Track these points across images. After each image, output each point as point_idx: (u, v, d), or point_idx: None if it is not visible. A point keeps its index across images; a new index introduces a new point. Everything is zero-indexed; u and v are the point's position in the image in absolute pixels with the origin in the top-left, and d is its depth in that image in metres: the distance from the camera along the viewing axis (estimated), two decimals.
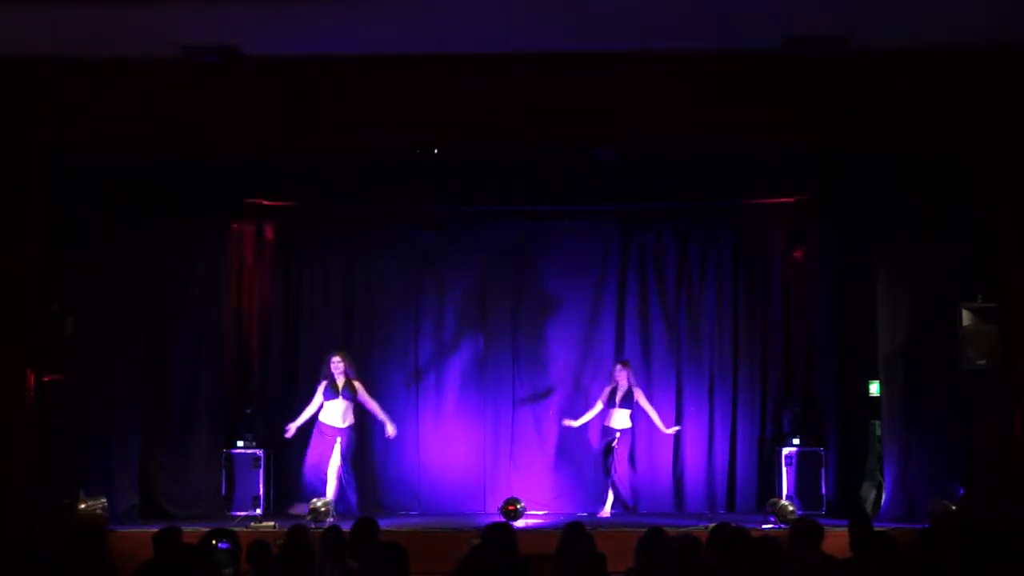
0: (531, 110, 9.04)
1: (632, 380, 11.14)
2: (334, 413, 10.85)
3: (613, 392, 11.09)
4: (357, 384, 10.94)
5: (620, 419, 11.05)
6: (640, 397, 11.13)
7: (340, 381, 10.86)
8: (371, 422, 11.79)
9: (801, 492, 11.05)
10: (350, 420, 10.93)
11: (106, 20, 8.09)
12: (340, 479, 10.76)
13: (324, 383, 10.87)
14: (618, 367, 11.19)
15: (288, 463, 11.44)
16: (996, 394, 9.69)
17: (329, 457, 10.77)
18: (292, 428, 10.81)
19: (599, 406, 11.15)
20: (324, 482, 10.69)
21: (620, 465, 11.02)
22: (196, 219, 11.38)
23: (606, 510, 10.91)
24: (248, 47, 8.52)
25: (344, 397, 10.84)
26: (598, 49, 8.72)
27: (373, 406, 11.05)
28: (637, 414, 11.18)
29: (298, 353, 11.92)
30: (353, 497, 10.90)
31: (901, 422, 10.46)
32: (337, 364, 10.87)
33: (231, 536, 6.38)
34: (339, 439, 10.80)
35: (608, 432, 11.08)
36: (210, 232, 11.53)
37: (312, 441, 10.87)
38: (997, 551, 5.85)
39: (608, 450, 11.06)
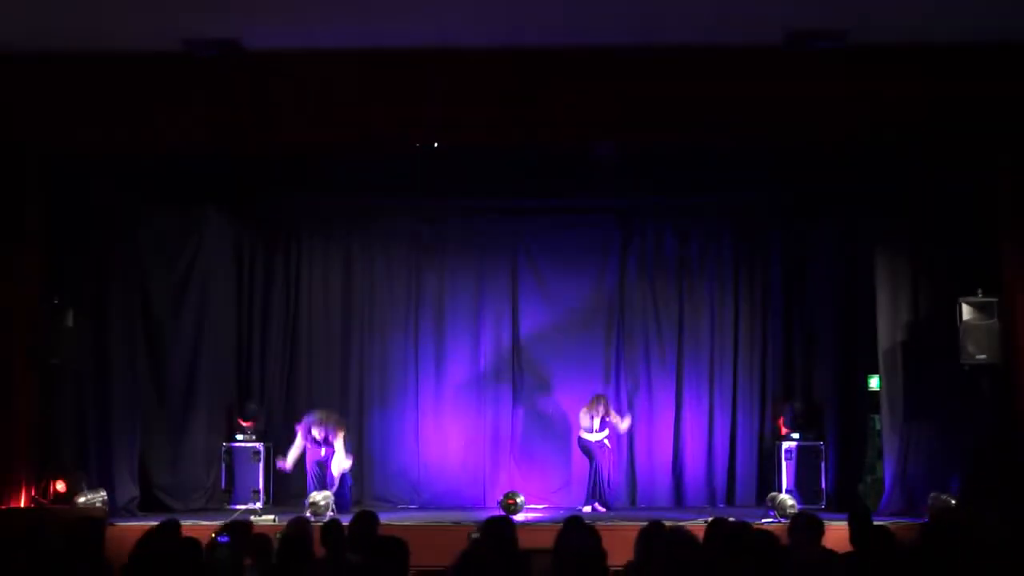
0: (531, 104, 9.02)
1: (608, 409, 11.07)
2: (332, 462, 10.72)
3: (598, 421, 11.00)
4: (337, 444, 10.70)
5: (598, 437, 11.03)
6: (615, 419, 11.08)
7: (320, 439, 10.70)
8: (371, 417, 11.81)
9: (801, 486, 11.07)
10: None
11: (106, 14, 8.08)
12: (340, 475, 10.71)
13: (304, 434, 10.69)
14: (599, 407, 10.99)
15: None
16: (996, 389, 9.69)
17: (329, 455, 10.73)
18: (287, 464, 10.72)
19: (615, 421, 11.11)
20: (327, 479, 10.66)
21: (614, 463, 11.06)
22: (196, 213, 11.39)
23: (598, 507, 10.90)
24: (248, 41, 8.51)
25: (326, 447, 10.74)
26: (598, 43, 8.71)
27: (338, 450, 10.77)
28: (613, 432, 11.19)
29: (297, 345, 11.93)
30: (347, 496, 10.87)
31: (901, 417, 10.46)
32: (320, 430, 10.65)
33: (242, 529, 6.40)
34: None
35: (592, 442, 11.00)
36: (210, 226, 11.53)
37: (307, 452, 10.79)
38: (996, 546, 5.85)
39: (589, 453, 11.01)
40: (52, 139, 9.23)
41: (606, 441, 11.01)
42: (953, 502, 9.39)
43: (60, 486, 9.58)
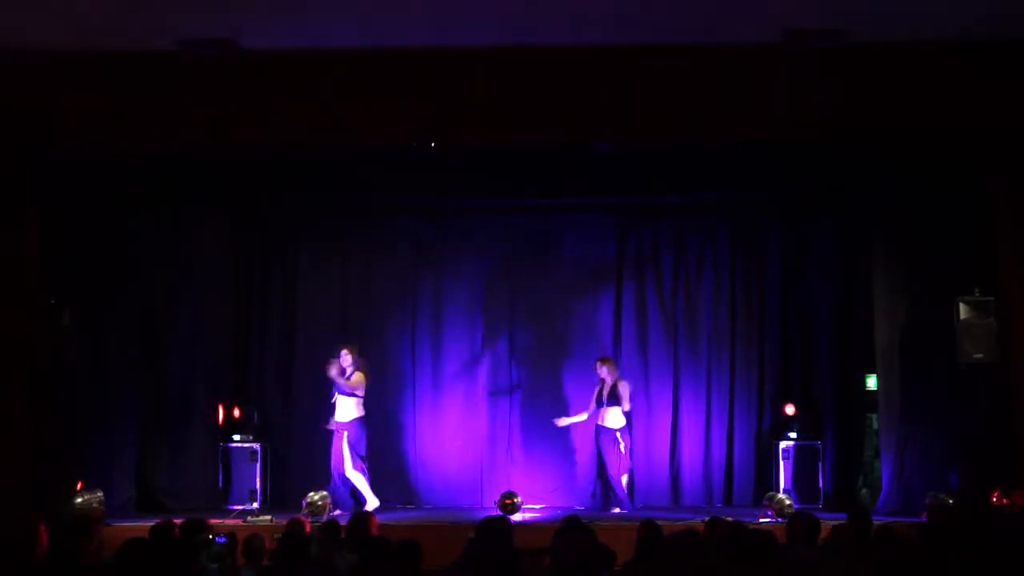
0: (529, 103, 9.01)
1: (615, 373, 10.96)
2: (340, 408, 10.67)
3: (600, 391, 10.97)
4: (355, 375, 10.69)
5: (613, 418, 10.89)
6: (624, 389, 10.85)
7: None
8: (369, 416, 11.77)
9: (798, 486, 11.06)
10: (357, 413, 10.74)
11: (103, 13, 8.07)
12: (340, 475, 10.60)
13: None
14: (597, 364, 11.01)
15: (286, 458, 11.46)
16: (993, 387, 9.69)
17: (340, 452, 10.65)
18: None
19: (590, 409, 10.96)
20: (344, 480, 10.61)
21: (624, 463, 10.93)
22: (195, 212, 11.38)
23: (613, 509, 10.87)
24: (246, 40, 8.50)
25: (342, 392, 10.66)
26: (597, 42, 8.70)
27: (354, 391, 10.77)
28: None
29: (295, 345, 11.91)
30: (346, 494, 10.84)
31: (898, 416, 10.45)
32: (345, 357, 10.64)
33: (208, 527, 6.40)
34: (345, 433, 10.63)
35: (605, 432, 10.91)
36: (208, 225, 11.52)
37: (332, 441, 10.72)
38: (994, 544, 5.84)
39: (599, 453, 10.94)
40: (49, 138, 9.20)
41: (620, 438, 10.82)
42: (951, 501, 9.38)
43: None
